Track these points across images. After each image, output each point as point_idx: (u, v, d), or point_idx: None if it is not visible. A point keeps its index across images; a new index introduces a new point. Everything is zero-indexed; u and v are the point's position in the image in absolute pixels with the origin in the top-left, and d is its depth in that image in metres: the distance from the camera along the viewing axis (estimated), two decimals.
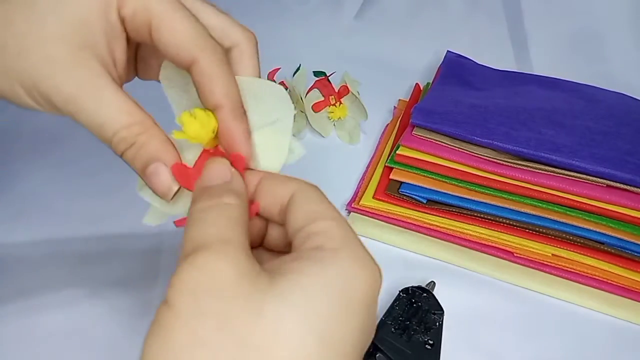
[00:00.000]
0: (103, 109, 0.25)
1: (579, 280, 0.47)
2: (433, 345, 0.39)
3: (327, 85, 0.60)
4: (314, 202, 0.25)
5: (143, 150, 0.25)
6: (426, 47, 0.72)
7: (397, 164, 0.51)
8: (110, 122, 0.25)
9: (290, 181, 0.26)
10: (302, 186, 0.25)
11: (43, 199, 0.50)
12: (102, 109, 0.25)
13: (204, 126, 0.26)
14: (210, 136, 0.26)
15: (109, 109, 0.25)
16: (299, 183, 0.26)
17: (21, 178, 0.52)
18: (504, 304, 0.46)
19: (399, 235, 0.50)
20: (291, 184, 0.26)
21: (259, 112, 0.28)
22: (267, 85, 0.28)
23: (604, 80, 0.62)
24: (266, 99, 0.28)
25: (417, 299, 0.42)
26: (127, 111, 0.25)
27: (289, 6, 0.76)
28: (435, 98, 0.55)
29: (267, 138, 0.28)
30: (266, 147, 0.28)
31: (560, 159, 0.46)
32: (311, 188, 0.26)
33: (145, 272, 0.45)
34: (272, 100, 0.28)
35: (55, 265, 0.45)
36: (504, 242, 0.48)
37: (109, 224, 0.48)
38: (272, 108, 0.28)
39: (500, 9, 0.76)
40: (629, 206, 0.45)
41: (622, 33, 0.71)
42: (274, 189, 0.26)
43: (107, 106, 0.25)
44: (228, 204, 0.24)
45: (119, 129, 0.25)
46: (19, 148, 0.55)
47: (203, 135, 0.26)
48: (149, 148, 0.25)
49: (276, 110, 0.28)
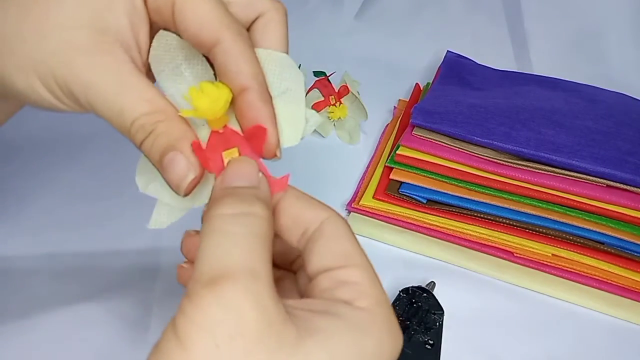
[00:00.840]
0: (123, 95, 0.23)
1: (579, 280, 0.47)
2: (433, 345, 0.39)
3: (327, 85, 0.60)
4: (344, 240, 0.23)
5: (161, 138, 0.23)
6: (426, 47, 0.72)
7: (397, 164, 0.51)
8: (130, 110, 0.23)
9: (320, 207, 0.24)
10: (332, 217, 0.23)
11: (42, 199, 0.50)
12: (122, 95, 0.23)
13: (215, 100, 0.24)
14: (223, 110, 0.24)
15: (129, 96, 0.23)
16: (330, 212, 0.24)
17: (19, 178, 0.52)
18: (504, 304, 0.46)
19: (399, 235, 0.50)
20: (321, 211, 0.24)
21: (269, 85, 0.25)
22: (272, 55, 0.26)
23: (604, 80, 0.62)
24: (274, 69, 0.26)
25: (417, 299, 0.42)
26: (148, 99, 0.24)
27: (289, 6, 0.76)
28: (435, 98, 0.55)
29: (281, 109, 0.25)
30: (281, 120, 0.25)
31: (560, 159, 0.46)
32: (342, 222, 0.24)
33: (143, 273, 0.45)
34: (279, 70, 0.26)
35: (53, 265, 0.45)
36: (504, 242, 0.48)
37: (110, 224, 0.48)
38: (281, 78, 0.26)
39: (500, 9, 0.76)
40: (629, 206, 0.45)
41: (622, 33, 0.71)
42: (301, 210, 0.24)
43: (128, 93, 0.23)
44: (256, 215, 0.21)
45: (138, 116, 0.23)
46: (18, 149, 0.55)
47: (216, 109, 0.24)
48: (167, 136, 0.23)
49: (285, 80, 0.26)
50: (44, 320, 0.41)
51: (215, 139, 0.25)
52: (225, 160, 0.24)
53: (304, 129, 0.26)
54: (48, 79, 0.24)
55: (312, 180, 0.55)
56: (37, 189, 0.51)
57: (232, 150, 0.25)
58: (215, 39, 0.24)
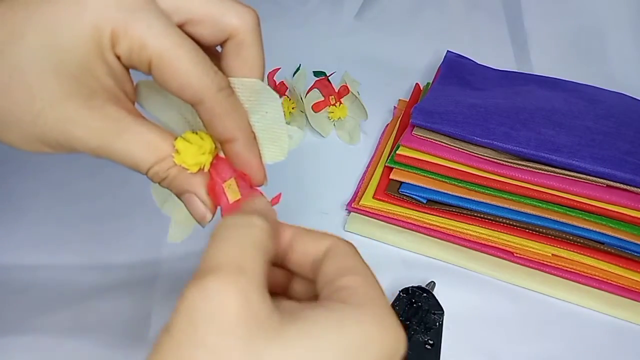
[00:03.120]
0: (132, 152, 0.25)
1: (579, 280, 0.47)
2: (433, 345, 0.39)
3: (327, 85, 0.60)
4: (347, 256, 0.24)
5: (175, 183, 0.26)
6: (426, 47, 0.72)
7: (397, 163, 0.51)
8: (142, 163, 0.25)
9: (325, 238, 0.25)
10: (337, 242, 0.25)
11: (43, 197, 0.50)
12: (131, 152, 0.25)
13: (200, 150, 0.26)
14: (209, 160, 0.27)
15: (136, 151, 0.25)
16: (334, 239, 0.25)
17: (21, 177, 0.52)
18: (504, 304, 0.46)
19: (399, 235, 0.50)
20: (326, 240, 0.25)
21: (250, 111, 0.27)
22: (244, 83, 0.27)
23: (604, 80, 0.62)
24: (249, 97, 0.27)
25: (417, 299, 0.42)
26: (154, 147, 0.25)
27: (289, 6, 0.76)
28: (435, 98, 0.55)
29: (265, 132, 0.28)
30: (266, 141, 0.28)
31: (560, 159, 0.46)
32: (346, 244, 0.25)
33: (143, 273, 0.45)
34: (255, 96, 0.27)
35: (53, 266, 0.45)
36: (504, 242, 0.48)
37: (109, 225, 0.48)
38: (259, 103, 0.27)
39: (500, 9, 0.76)
40: (629, 206, 0.45)
41: (622, 33, 0.71)
42: (308, 244, 0.25)
43: (135, 148, 0.25)
44: (253, 225, 0.23)
45: (151, 166, 0.25)
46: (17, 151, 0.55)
47: (203, 160, 0.26)
48: (179, 181, 0.26)
49: (263, 104, 0.28)
50: (43, 320, 0.41)
51: (213, 174, 0.27)
52: (227, 192, 0.27)
53: (288, 146, 0.29)
54: (57, 147, 0.25)
55: (312, 180, 0.55)
56: (36, 189, 0.51)
57: (230, 181, 0.27)
58: (197, 98, 0.25)
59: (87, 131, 0.24)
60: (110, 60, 0.24)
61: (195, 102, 0.25)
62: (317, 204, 0.52)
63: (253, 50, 0.27)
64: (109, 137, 0.25)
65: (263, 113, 0.28)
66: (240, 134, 0.26)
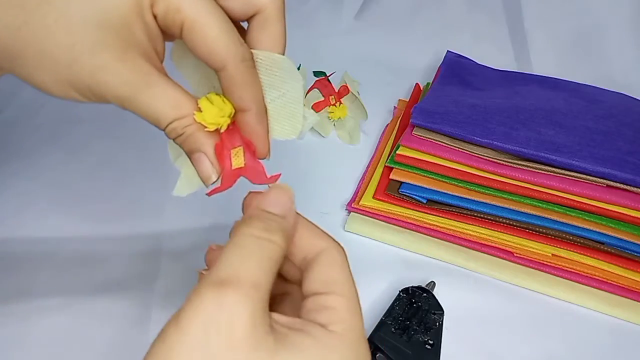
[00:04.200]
0: (155, 105, 0.27)
1: (579, 280, 0.47)
2: (433, 345, 0.39)
3: (327, 85, 0.60)
4: (335, 269, 0.26)
5: (189, 141, 0.28)
6: (426, 47, 0.72)
7: (397, 164, 0.51)
8: (163, 117, 0.27)
9: (321, 239, 0.27)
10: (330, 248, 0.27)
11: (43, 198, 0.50)
12: (154, 105, 0.27)
13: (221, 112, 0.28)
14: (227, 122, 0.28)
15: (160, 105, 0.27)
16: (329, 244, 0.27)
17: (21, 177, 0.52)
18: (504, 304, 0.46)
19: (399, 235, 0.50)
20: (321, 242, 0.27)
21: (271, 86, 0.29)
22: (274, 58, 0.29)
23: (604, 80, 0.62)
24: (275, 72, 0.29)
25: (417, 299, 0.42)
26: (177, 105, 0.27)
27: (289, 6, 0.76)
28: (435, 98, 0.55)
29: (281, 109, 0.30)
30: (281, 117, 0.30)
31: (560, 159, 0.46)
32: (338, 253, 0.27)
33: (143, 273, 0.45)
34: (280, 72, 0.29)
35: (53, 266, 0.45)
36: (504, 242, 0.48)
37: (109, 225, 0.48)
38: (282, 80, 0.29)
39: (500, 9, 0.76)
40: (629, 206, 0.45)
41: (622, 33, 0.71)
42: (304, 241, 0.27)
43: (158, 103, 0.26)
44: (275, 243, 0.25)
45: (170, 121, 0.27)
46: (17, 150, 0.55)
47: (221, 121, 0.28)
48: (193, 140, 0.28)
49: (286, 82, 0.29)
50: (43, 320, 0.41)
51: (224, 138, 0.29)
52: (232, 158, 0.29)
53: (302, 125, 0.30)
54: (86, 93, 0.26)
55: (312, 180, 0.55)
56: (36, 189, 0.51)
57: (237, 149, 0.29)
58: (221, 65, 0.27)
59: (118, 81, 0.26)
60: (148, 19, 0.26)
61: (219, 68, 0.27)
62: (317, 204, 0.52)
63: (278, 26, 0.29)
64: (137, 88, 0.26)
65: (284, 90, 0.29)
66: (254, 105, 0.28)
